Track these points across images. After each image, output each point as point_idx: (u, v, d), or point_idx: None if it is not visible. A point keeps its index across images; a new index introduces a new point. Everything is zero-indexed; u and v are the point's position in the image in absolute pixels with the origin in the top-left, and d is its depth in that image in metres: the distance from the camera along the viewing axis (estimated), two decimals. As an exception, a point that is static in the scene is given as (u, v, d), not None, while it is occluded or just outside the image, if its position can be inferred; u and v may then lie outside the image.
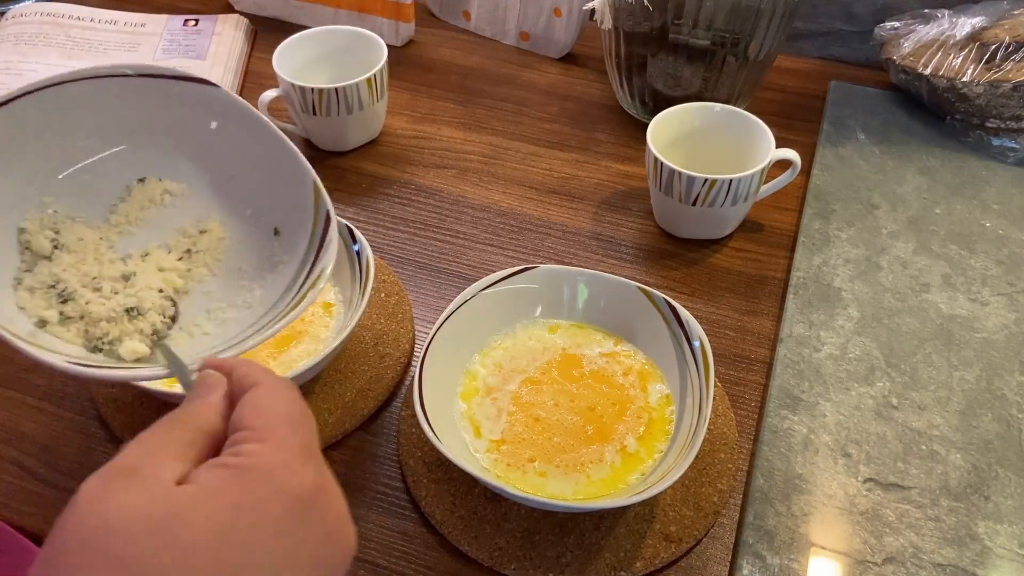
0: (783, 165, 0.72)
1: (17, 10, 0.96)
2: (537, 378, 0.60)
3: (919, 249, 0.72)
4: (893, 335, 0.66)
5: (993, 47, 0.78)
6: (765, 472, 0.57)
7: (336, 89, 0.76)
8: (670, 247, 0.74)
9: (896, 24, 0.86)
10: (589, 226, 0.76)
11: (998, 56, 0.78)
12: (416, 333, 0.67)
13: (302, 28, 0.83)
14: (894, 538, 0.54)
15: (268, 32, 0.97)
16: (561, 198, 0.78)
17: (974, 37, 0.80)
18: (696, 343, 0.58)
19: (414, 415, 0.54)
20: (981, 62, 0.79)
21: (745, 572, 0.53)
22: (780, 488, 0.57)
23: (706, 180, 0.67)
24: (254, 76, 0.92)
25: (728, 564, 0.54)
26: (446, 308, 0.60)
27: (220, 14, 0.97)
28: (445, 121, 0.87)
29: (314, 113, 0.78)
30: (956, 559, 0.53)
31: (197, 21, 0.96)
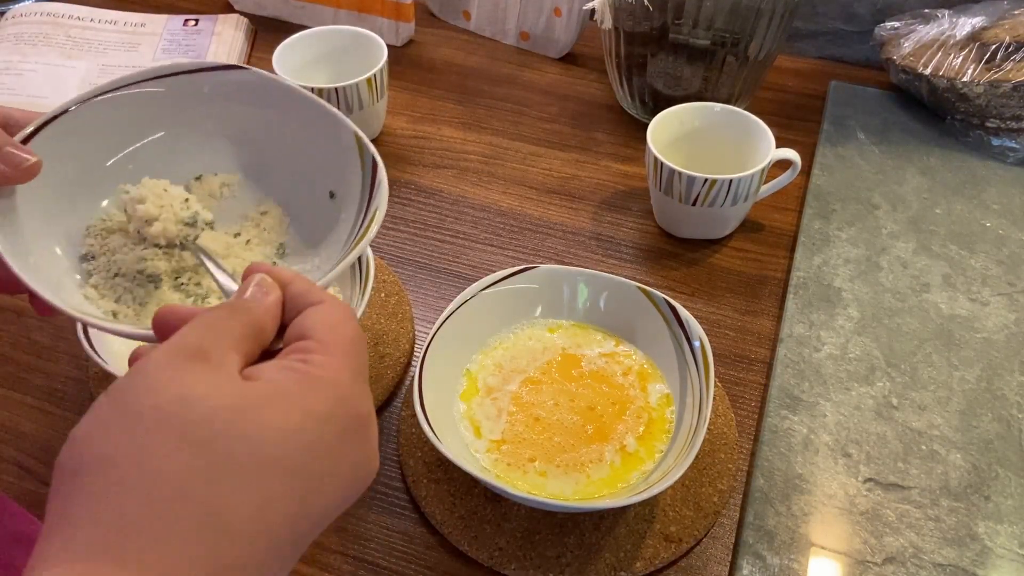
0: (783, 165, 0.72)
1: (17, 10, 0.96)
2: (537, 378, 0.60)
3: (919, 249, 0.72)
4: (893, 335, 0.66)
5: (993, 47, 0.78)
6: (765, 472, 0.57)
7: (336, 89, 0.76)
8: (670, 247, 0.74)
9: (896, 24, 0.86)
10: (589, 226, 0.76)
11: (998, 56, 0.78)
12: (416, 333, 0.67)
13: (302, 28, 0.83)
14: (894, 538, 0.54)
15: (268, 32, 0.97)
16: (561, 198, 0.78)
17: (974, 37, 0.80)
18: (696, 343, 0.58)
19: (414, 415, 0.54)
20: (981, 62, 0.79)
21: (745, 572, 0.53)
22: (780, 488, 0.57)
23: (706, 180, 0.67)
24: (254, 76, 0.92)
25: (728, 564, 0.54)
26: (446, 308, 0.60)
27: (220, 14, 0.97)
28: (445, 121, 0.87)
29: (314, 113, 0.78)
30: (956, 559, 0.53)
31: (197, 21, 0.96)
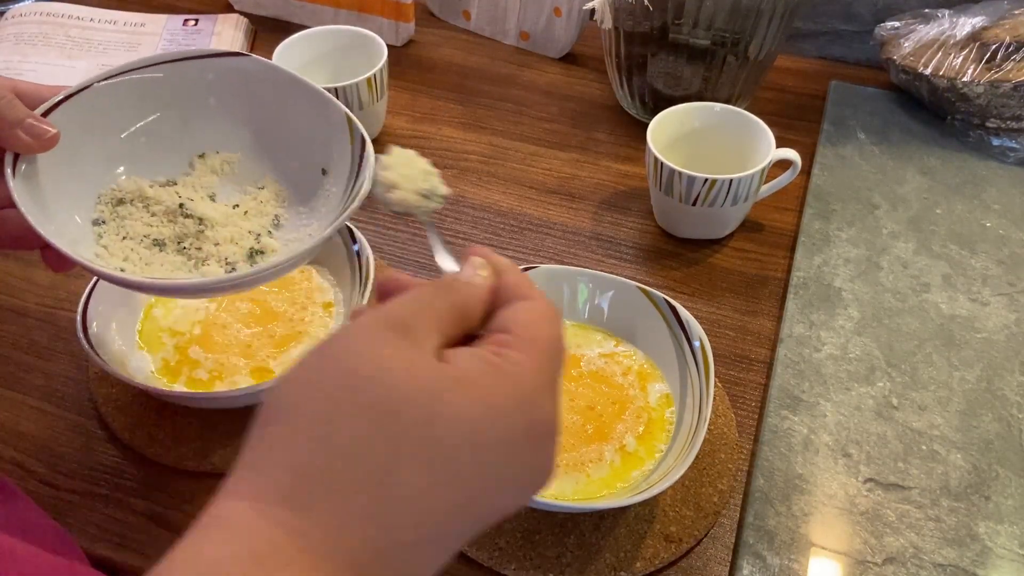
0: (783, 165, 0.72)
1: (17, 10, 0.96)
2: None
3: (919, 249, 0.72)
4: (893, 335, 0.66)
5: (993, 47, 0.78)
6: (765, 472, 0.57)
7: (336, 89, 0.76)
8: (670, 247, 0.74)
9: (896, 24, 0.86)
10: (589, 226, 0.76)
11: (998, 56, 0.78)
12: (416, 333, 0.66)
13: (302, 28, 0.83)
14: (894, 538, 0.54)
15: (268, 32, 0.97)
16: (561, 198, 0.78)
17: (974, 37, 0.80)
18: (696, 343, 0.58)
19: (414, 415, 0.54)
20: (981, 62, 0.79)
21: (745, 572, 0.53)
22: (780, 488, 0.57)
23: (706, 180, 0.67)
24: (254, 76, 0.92)
25: (728, 564, 0.54)
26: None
27: (220, 14, 0.97)
28: (445, 121, 0.87)
29: (314, 113, 0.78)
30: (956, 559, 0.53)
31: (197, 21, 0.96)
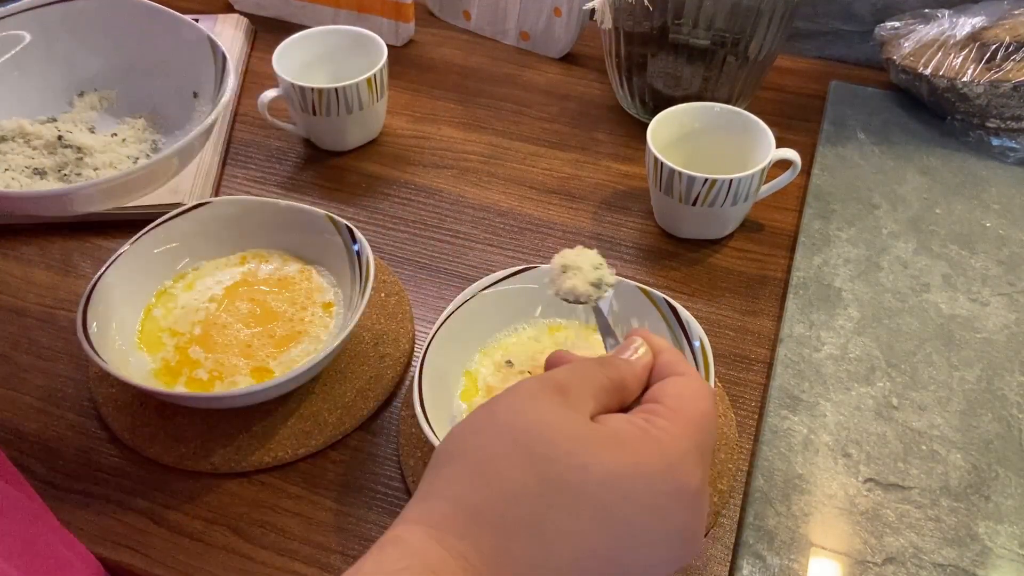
0: (783, 165, 0.72)
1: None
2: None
3: (919, 249, 0.72)
4: (893, 335, 0.66)
5: (993, 47, 0.78)
6: (765, 472, 0.57)
7: (336, 89, 0.76)
8: (670, 247, 0.74)
9: (896, 24, 0.86)
10: (589, 226, 0.76)
11: (998, 56, 0.78)
12: (416, 333, 0.67)
13: (302, 28, 0.83)
14: (894, 538, 0.54)
15: (268, 32, 0.97)
16: (561, 198, 0.78)
17: (974, 37, 0.80)
18: (696, 343, 0.58)
19: (414, 415, 0.54)
20: (981, 62, 0.79)
21: (745, 572, 0.53)
22: (780, 488, 0.57)
23: (706, 180, 0.67)
24: (254, 76, 0.92)
25: (728, 564, 0.54)
26: (446, 308, 0.60)
27: (220, 14, 0.97)
28: (445, 121, 0.87)
29: (314, 113, 0.78)
30: (956, 559, 0.53)
31: (197, 21, 0.95)
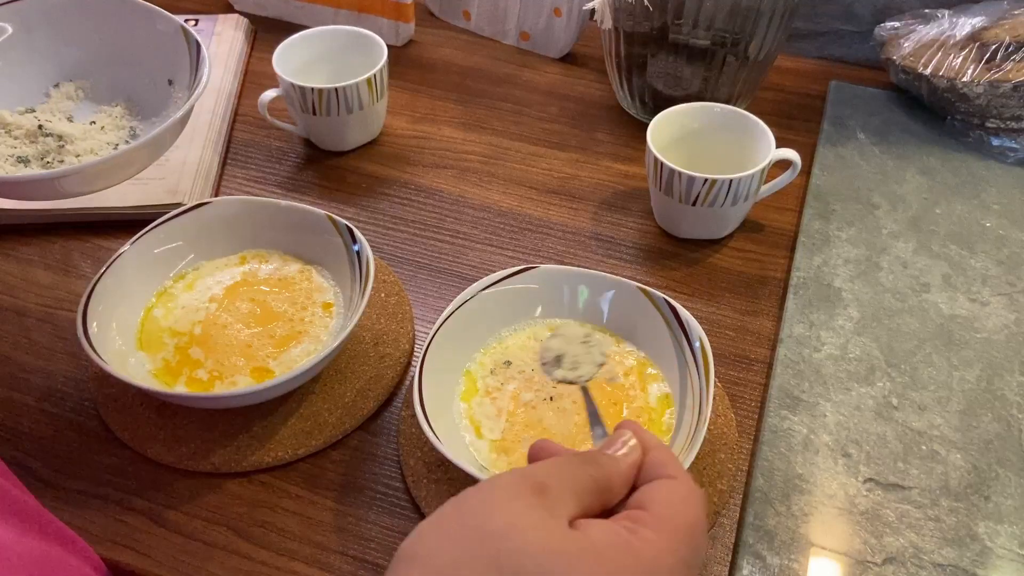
0: (783, 165, 0.72)
1: (17, 10, 0.96)
2: (537, 378, 0.60)
3: (919, 249, 0.72)
4: (893, 335, 0.66)
5: (993, 47, 0.78)
6: (765, 472, 0.57)
7: (336, 89, 0.76)
8: (670, 247, 0.74)
9: (896, 24, 0.86)
10: (589, 226, 0.76)
11: (998, 56, 0.78)
12: (416, 333, 0.67)
13: (302, 28, 0.83)
14: (894, 538, 0.54)
15: (268, 32, 0.97)
16: (561, 198, 0.78)
17: (974, 37, 0.80)
18: (696, 343, 0.58)
19: (414, 415, 0.54)
20: (981, 62, 0.79)
21: (745, 572, 0.53)
22: (780, 488, 0.57)
23: (706, 180, 0.67)
24: (254, 76, 0.92)
25: (728, 564, 0.54)
26: (446, 308, 0.60)
27: (220, 14, 0.97)
28: (445, 121, 0.87)
29: (314, 113, 0.78)
30: (956, 559, 0.53)
31: (197, 21, 0.96)
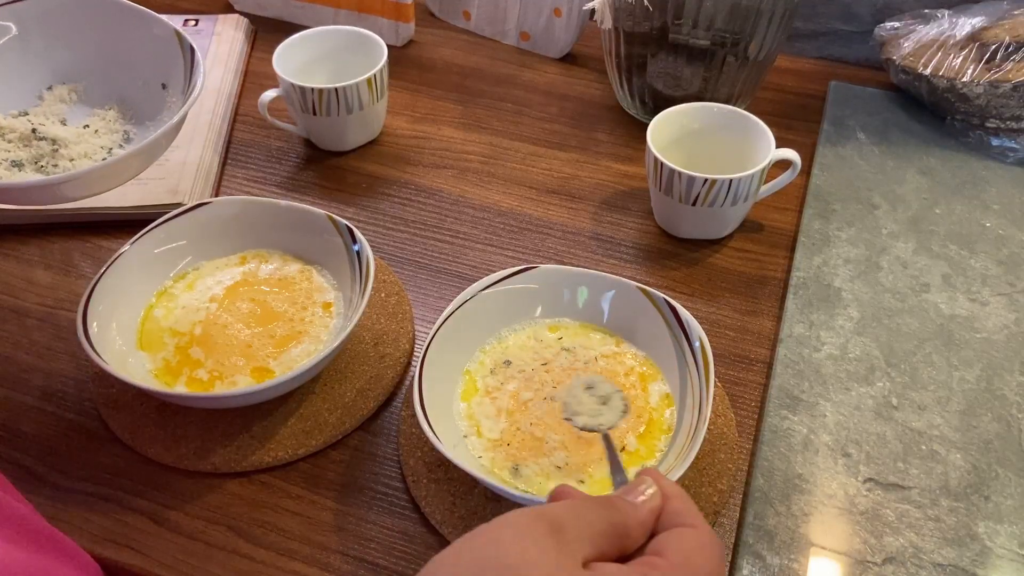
0: (783, 165, 0.72)
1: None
2: (537, 378, 0.60)
3: (919, 249, 0.72)
4: (893, 335, 0.66)
5: (993, 47, 0.78)
6: (765, 472, 0.57)
7: (336, 89, 0.76)
8: (670, 247, 0.74)
9: (896, 24, 0.86)
10: (589, 226, 0.76)
11: (998, 56, 0.78)
12: (416, 333, 0.67)
13: (302, 28, 0.83)
14: (894, 538, 0.54)
15: (268, 32, 0.97)
16: (561, 198, 0.78)
17: (974, 37, 0.80)
18: (696, 343, 0.58)
19: (414, 415, 0.54)
20: (981, 62, 0.79)
21: (745, 572, 0.53)
22: (780, 488, 0.57)
23: (706, 180, 0.67)
24: (254, 76, 0.92)
25: (728, 564, 0.54)
26: (446, 308, 0.60)
27: (220, 14, 0.97)
28: (445, 121, 0.87)
29: (314, 113, 0.78)
30: (956, 559, 0.53)
31: (197, 21, 0.96)
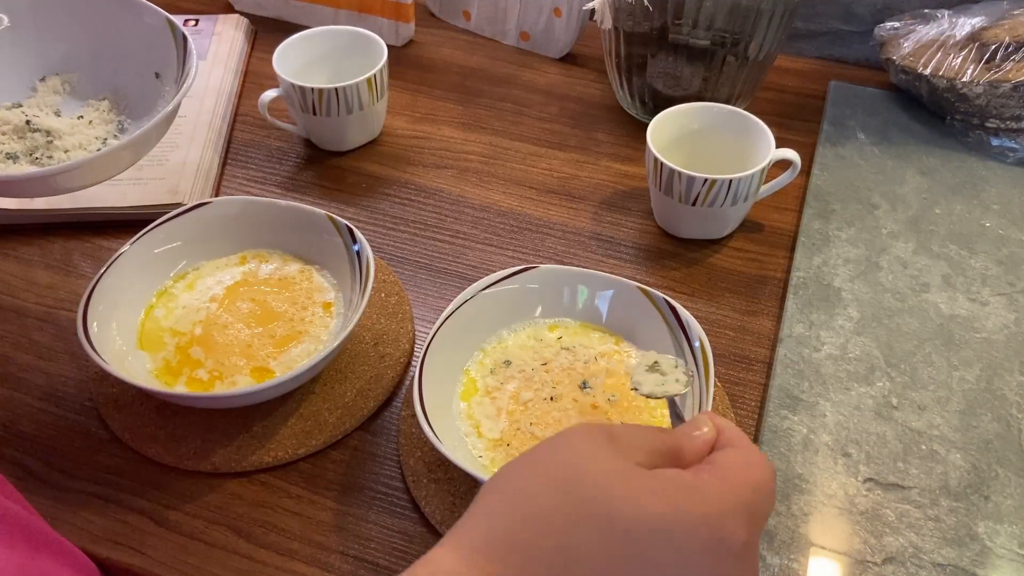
0: (783, 165, 0.72)
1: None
2: (537, 378, 0.60)
3: (919, 249, 0.72)
4: (893, 335, 0.66)
5: (993, 47, 0.78)
6: (765, 472, 0.57)
7: (336, 89, 0.76)
8: (670, 247, 0.74)
9: (896, 24, 0.86)
10: (589, 226, 0.76)
11: (998, 56, 0.78)
12: (416, 333, 0.67)
13: (302, 28, 0.83)
14: (894, 538, 0.54)
15: (268, 32, 0.97)
16: (561, 198, 0.78)
17: (974, 37, 0.80)
18: (696, 343, 0.58)
19: (414, 415, 0.54)
20: (981, 62, 0.79)
21: (745, 572, 0.53)
22: (780, 488, 0.57)
23: (706, 180, 0.67)
24: (254, 76, 0.92)
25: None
26: (446, 308, 0.60)
27: (220, 14, 0.97)
28: (445, 121, 0.87)
29: (314, 113, 0.78)
30: (956, 559, 0.53)
31: (197, 21, 0.96)
